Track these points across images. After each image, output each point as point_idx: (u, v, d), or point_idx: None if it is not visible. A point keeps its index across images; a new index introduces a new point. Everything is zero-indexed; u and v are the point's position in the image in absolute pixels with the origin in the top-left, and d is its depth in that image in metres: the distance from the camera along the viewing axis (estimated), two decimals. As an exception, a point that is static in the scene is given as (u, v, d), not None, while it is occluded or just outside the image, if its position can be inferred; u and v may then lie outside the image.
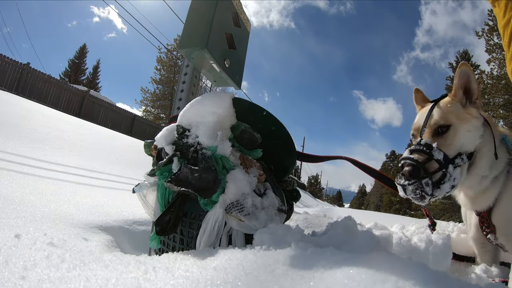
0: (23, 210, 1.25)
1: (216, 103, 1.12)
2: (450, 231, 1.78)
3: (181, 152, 1.02)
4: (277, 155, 1.23)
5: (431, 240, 1.15)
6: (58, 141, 3.69)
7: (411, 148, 1.16)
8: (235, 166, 1.03)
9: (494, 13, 1.46)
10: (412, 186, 1.08)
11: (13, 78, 11.68)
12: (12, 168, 2.08)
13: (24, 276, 0.62)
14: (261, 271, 0.57)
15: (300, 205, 12.80)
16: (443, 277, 0.48)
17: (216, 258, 0.68)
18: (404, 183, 1.10)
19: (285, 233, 0.85)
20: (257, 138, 1.12)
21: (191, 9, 1.36)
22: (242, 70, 1.61)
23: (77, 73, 30.70)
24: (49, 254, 0.79)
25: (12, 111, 4.23)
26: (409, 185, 1.08)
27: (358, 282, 0.46)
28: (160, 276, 0.62)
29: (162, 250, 1.08)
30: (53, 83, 13.15)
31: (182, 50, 1.32)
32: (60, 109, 11.46)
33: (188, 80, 1.53)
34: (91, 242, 1.16)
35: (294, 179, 1.37)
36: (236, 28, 1.51)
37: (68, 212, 1.44)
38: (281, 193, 1.15)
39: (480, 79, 19.67)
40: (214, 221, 0.93)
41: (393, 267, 0.50)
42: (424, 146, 1.12)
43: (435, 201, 20.93)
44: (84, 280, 0.61)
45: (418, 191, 1.08)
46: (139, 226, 1.63)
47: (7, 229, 0.96)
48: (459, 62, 19.68)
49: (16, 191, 1.58)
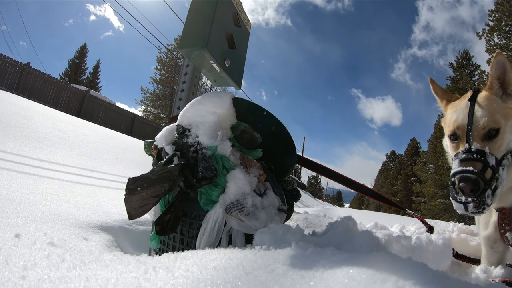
0: (23, 210, 1.25)
1: (216, 103, 1.12)
2: (450, 231, 1.78)
3: (181, 152, 1.02)
4: (277, 155, 1.23)
5: (431, 240, 1.16)
6: (58, 141, 3.69)
7: (462, 157, 1.06)
8: (235, 166, 1.03)
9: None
10: (474, 202, 1.00)
11: (13, 78, 11.68)
12: (12, 168, 2.08)
13: (24, 276, 0.62)
14: (261, 271, 0.57)
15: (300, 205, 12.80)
16: (443, 277, 0.48)
17: (216, 258, 0.68)
18: (466, 201, 1.01)
19: (285, 233, 0.85)
20: (257, 138, 1.12)
21: (191, 9, 1.36)
22: (242, 70, 1.61)
23: (77, 73, 30.71)
24: (49, 254, 0.79)
25: (12, 111, 4.23)
26: (472, 202, 1.00)
27: (358, 282, 0.46)
28: (160, 276, 0.62)
29: (162, 250, 1.08)
30: (53, 83, 13.15)
31: (182, 50, 1.32)
32: (60, 109, 11.46)
33: (188, 80, 1.53)
34: (91, 242, 1.16)
35: (294, 179, 1.37)
36: (236, 28, 1.51)
37: (68, 212, 1.45)
38: (281, 193, 1.15)
39: (480, 79, 19.68)
40: (214, 221, 0.93)
41: (393, 267, 0.50)
42: (476, 153, 1.04)
43: (435, 201, 20.95)
44: (84, 280, 0.61)
45: (480, 207, 1.01)
46: (139, 226, 1.63)
47: (7, 229, 0.96)
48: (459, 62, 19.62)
49: (16, 191, 1.58)
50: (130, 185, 0.92)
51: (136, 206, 0.93)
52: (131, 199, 0.92)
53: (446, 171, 21.36)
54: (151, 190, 0.92)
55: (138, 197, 0.92)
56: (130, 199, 0.92)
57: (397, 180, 36.85)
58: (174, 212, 0.97)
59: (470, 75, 22.76)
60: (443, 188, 21.01)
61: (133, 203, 0.92)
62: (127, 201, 0.92)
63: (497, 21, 18.01)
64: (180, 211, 0.99)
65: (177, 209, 0.98)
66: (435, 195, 21.66)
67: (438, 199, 20.96)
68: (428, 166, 25.18)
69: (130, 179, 0.92)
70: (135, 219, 0.97)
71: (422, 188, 23.68)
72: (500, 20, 17.94)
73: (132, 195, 0.92)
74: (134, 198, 0.92)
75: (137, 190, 0.92)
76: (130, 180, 0.92)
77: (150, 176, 0.93)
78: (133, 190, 0.92)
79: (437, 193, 21.48)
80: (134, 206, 0.93)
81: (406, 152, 38.27)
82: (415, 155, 34.38)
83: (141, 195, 0.92)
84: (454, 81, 23.44)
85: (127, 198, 0.92)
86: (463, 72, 22.90)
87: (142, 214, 0.95)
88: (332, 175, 1.45)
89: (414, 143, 37.69)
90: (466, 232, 1.76)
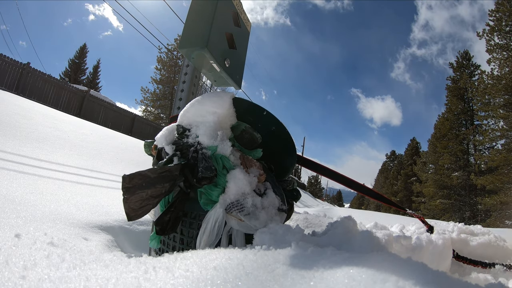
0: (23, 210, 1.25)
1: (216, 103, 1.12)
2: (450, 231, 1.78)
3: (181, 152, 1.02)
4: (277, 155, 1.23)
5: (431, 240, 1.16)
6: (58, 141, 3.69)
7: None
8: (235, 166, 1.03)
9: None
10: None
11: (13, 77, 11.68)
12: (12, 168, 2.08)
13: (24, 276, 0.62)
14: (261, 271, 0.57)
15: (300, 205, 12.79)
16: (443, 277, 0.48)
17: (216, 258, 0.68)
18: None
19: (285, 233, 0.85)
20: (257, 138, 1.12)
21: (191, 9, 1.36)
22: (242, 70, 1.61)
23: (77, 73, 30.72)
24: (49, 254, 0.79)
25: (12, 111, 4.23)
26: None
27: (358, 282, 0.46)
28: (160, 275, 0.62)
29: (162, 249, 1.08)
30: (53, 83, 13.14)
31: (182, 50, 1.32)
32: (60, 109, 11.47)
33: (188, 80, 1.53)
34: (91, 242, 1.16)
35: (294, 179, 1.37)
36: (236, 28, 1.51)
37: (68, 212, 1.45)
38: (281, 192, 1.15)
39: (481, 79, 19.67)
40: (214, 221, 0.93)
41: (393, 267, 0.50)
42: None
43: (435, 201, 20.93)
44: (84, 280, 0.61)
45: None
46: (139, 226, 1.63)
47: (7, 229, 0.96)
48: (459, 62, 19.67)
49: (16, 190, 1.58)
50: (126, 183, 0.88)
51: (135, 207, 0.90)
52: (130, 199, 0.89)
53: (446, 171, 21.38)
54: (151, 190, 0.90)
55: (137, 197, 0.90)
56: (129, 199, 0.89)
57: (397, 180, 36.85)
58: (174, 212, 0.97)
59: (470, 75, 22.75)
60: (443, 188, 20.99)
61: (132, 204, 0.89)
62: (126, 201, 0.89)
63: (498, 21, 18.02)
64: (180, 211, 0.99)
65: (177, 209, 0.98)
66: (435, 195, 21.64)
67: (438, 199, 20.94)
68: (428, 166, 25.17)
69: (126, 177, 0.88)
70: (134, 220, 0.95)
71: (422, 188, 23.67)
72: (500, 20, 17.95)
73: (132, 195, 0.89)
74: (134, 198, 0.89)
75: (137, 190, 0.90)
76: (126, 178, 0.88)
77: (149, 175, 0.91)
78: (131, 189, 0.89)
79: (437, 193, 21.45)
80: (133, 207, 0.90)
81: (406, 152, 38.27)
82: (415, 155, 34.37)
83: (141, 195, 0.90)
84: (454, 81, 23.43)
85: (126, 198, 0.89)
86: (463, 72, 22.89)
87: (142, 216, 0.92)
88: (332, 175, 1.45)
89: (414, 143, 37.69)
90: (466, 232, 1.76)
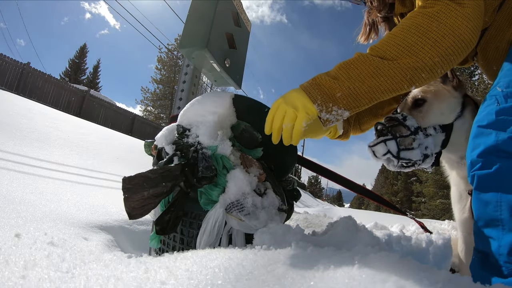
0: (23, 210, 1.25)
1: (217, 103, 1.11)
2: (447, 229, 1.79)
3: (182, 151, 1.02)
4: (277, 154, 1.22)
5: (431, 240, 1.16)
6: (58, 141, 3.69)
7: None
8: (236, 166, 1.03)
9: None
10: None
11: (13, 77, 11.68)
12: (12, 167, 2.08)
13: (24, 276, 0.62)
14: (261, 271, 0.57)
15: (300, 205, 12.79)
16: (443, 277, 0.48)
17: (217, 258, 0.68)
18: None
19: (286, 233, 0.85)
20: (257, 137, 1.12)
21: (191, 9, 1.36)
22: (242, 69, 1.62)
23: (77, 73, 30.72)
24: (49, 254, 0.79)
25: (12, 111, 4.23)
26: None
27: (358, 282, 0.46)
28: (160, 275, 0.62)
29: (162, 249, 1.08)
30: (53, 82, 13.14)
31: (183, 50, 1.32)
32: (60, 108, 11.45)
33: (188, 80, 1.53)
34: (91, 242, 1.16)
35: (294, 179, 1.37)
36: (236, 28, 1.52)
37: (68, 212, 1.44)
38: (281, 192, 1.15)
39: (481, 79, 19.66)
40: (214, 221, 0.93)
41: (393, 267, 0.50)
42: None
43: (435, 201, 20.93)
44: (84, 280, 0.61)
45: None
46: (139, 226, 1.63)
47: (7, 229, 0.96)
48: (460, 62, 19.70)
49: (16, 190, 1.58)
50: (126, 184, 0.88)
51: (136, 205, 0.90)
52: (132, 198, 0.89)
53: (446, 171, 21.32)
54: (153, 189, 0.90)
55: (139, 196, 0.90)
56: (131, 198, 0.89)
57: (397, 180, 36.83)
58: (174, 212, 0.97)
59: (470, 75, 22.75)
60: (443, 188, 20.96)
61: (133, 203, 0.90)
62: (127, 200, 0.89)
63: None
64: (181, 210, 0.99)
65: (178, 209, 0.98)
66: (435, 195, 21.62)
67: (438, 199, 20.93)
68: (428, 166, 25.12)
69: (126, 179, 0.88)
70: (135, 219, 0.95)
71: (422, 188, 23.65)
72: (500, 20, 17.90)
73: (133, 194, 0.89)
74: (135, 197, 0.90)
75: (138, 189, 0.90)
76: (126, 180, 0.88)
77: (149, 175, 0.91)
78: (132, 189, 0.89)
79: (437, 193, 21.43)
80: (134, 205, 0.90)
81: (406, 152, 38.17)
82: (415, 155, 34.28)
83: (142, 194, 0.90)
84: (454, 81, 23.38)
85: (127, 197, 0.89)
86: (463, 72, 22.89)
87: (143, 215, 0.92)
88: (332, 175, 1.45)
89: (414, 143, 37.61)
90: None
